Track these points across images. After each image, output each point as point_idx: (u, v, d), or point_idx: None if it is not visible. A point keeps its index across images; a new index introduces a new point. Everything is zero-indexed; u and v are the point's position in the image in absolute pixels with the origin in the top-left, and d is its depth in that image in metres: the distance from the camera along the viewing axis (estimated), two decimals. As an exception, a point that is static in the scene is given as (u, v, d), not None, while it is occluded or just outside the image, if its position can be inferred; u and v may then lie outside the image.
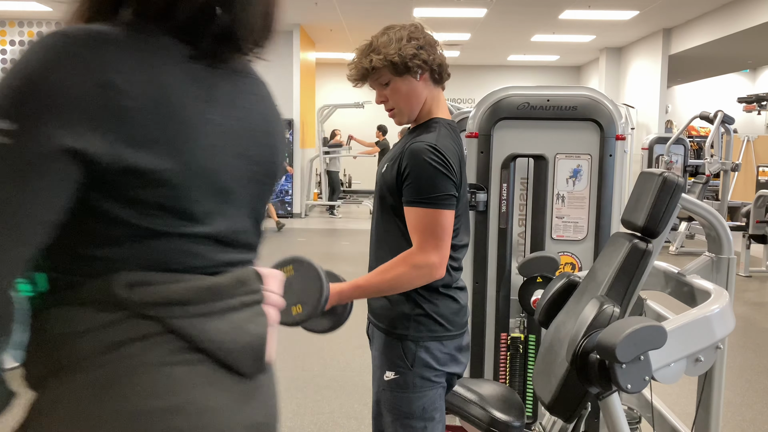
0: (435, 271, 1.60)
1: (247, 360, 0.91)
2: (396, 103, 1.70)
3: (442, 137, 1.64)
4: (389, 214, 1.71)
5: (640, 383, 1.50)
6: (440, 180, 1.59)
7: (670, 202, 1.81)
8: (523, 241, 2.73)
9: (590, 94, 2.65)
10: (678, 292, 2.01)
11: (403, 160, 1.62)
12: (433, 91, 1.73)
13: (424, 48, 1.66)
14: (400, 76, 1.66)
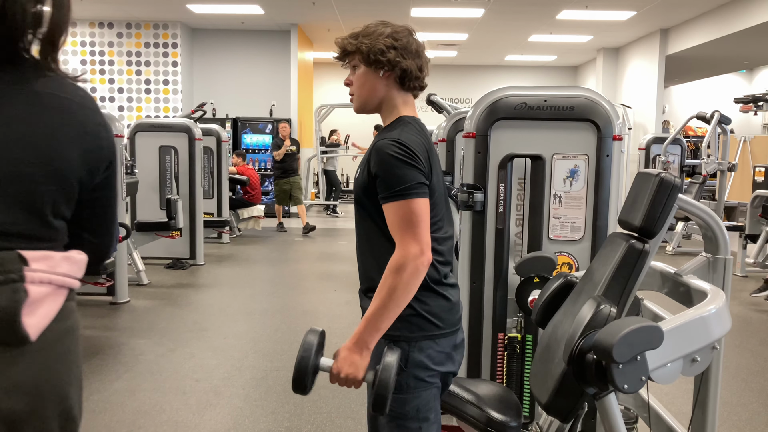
0: (420, 261, 1.58)
1: None
2: (356, 88, 1.76)
3: (405, 132, 1.67)
4: (368, 218, 1.72)
5: (636, 383, 1.50)
6: (406, 171, 1.60)
7: (666, 203, 1.81)
8: (521, 241, 2.74)
9: (587, 94, 2.65)
10: (675, 293, 2.02)
11: (371, 160, 1.65)
12: (400, 94, 1.75)
13: (397, 49, 1.69)
14: (366, 66, 1.71)
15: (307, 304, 5.54)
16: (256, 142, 11.57)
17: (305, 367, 1.55)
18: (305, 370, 1.55)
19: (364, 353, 1.59)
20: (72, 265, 1.17)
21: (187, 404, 3.40)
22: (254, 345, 4.41)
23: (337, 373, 1.59)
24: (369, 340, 1.59)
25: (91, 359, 4.06)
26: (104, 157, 1.20)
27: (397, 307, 1.59)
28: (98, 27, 11.59)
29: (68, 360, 1.17)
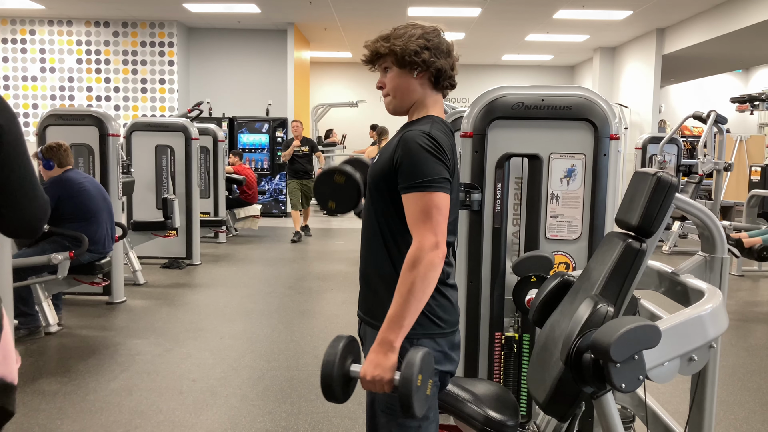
0: (435, 254, 1.58)
1: None
2: (390, 90, 1.77)
3: (435, 129, 1.67)
4: (381, 207, 1.71)
5: (634, 382, 1.50)
6: (433, 164, 1.60)
7: (663, 202, 1.81)
8: (518, 241, 2.74)
9: (584, 93, 2.65)
10: (672, 292, 2.02)
11: (397, 148, 1.65)
12: (432, 94, 1.77)
13: (429, 49, 1.70)
14: (400, 68, 1.72)
15: (304, 304, 5.54)
16: (252, 141, 11.56)
17: (328, 373, 1.54)
18: (329, 377, 1.54)
19: (389, 354, 1.57)
20: None
21: (184, 404, 3.40)
22: (251, 345, 4.41)
23: (363, 376, 1.57)
24: (393, 339, 1.57)
25: (87, 359, 4.06)
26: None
27: (418, 302, 1.57)
28: (94, 26, 11.57)
29: None
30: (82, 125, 5.40)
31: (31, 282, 4.42)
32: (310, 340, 4.55)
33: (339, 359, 1.56)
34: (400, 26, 1.75)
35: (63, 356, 4.13)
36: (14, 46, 11.62)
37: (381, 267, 1.73)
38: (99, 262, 4.70)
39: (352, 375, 1.59)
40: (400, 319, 1.57)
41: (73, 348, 4.29)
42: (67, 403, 3.39)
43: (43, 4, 10.45)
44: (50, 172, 4.53)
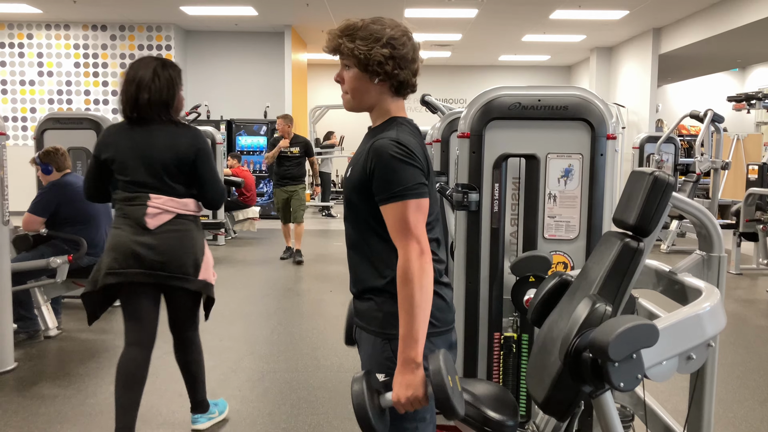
0: (423, 260, 1.57)
1: None
2: (348, 89, 1.72)
3: (402, 133, 1.65)
4: (361, 220, 1.71)
5: (632, 381, 1.50)
6: (407, 171, 1.59)
7: (661, 201, 1.81)
8: (516, 241, 2.74)
9: (581, 93, 2.65)
10: (669, 291, 2.02)
11: (368, 159, 1.63)
12: (394, 99, 1.73)
13: (394, 59, 1.65)
14: (361, 71, 1.67)
15: (304, 306, 5.54)
16: (250, 143, 11.56)
17: (364, 416, 1.52)
18: (366, 420, 1.52)
19: (416, 371, 1.55)
20: (177, 203, 2.74)
21: (184, 406, 3.39)
22: (250, 347, 4.41)
23: (397, 401, 1.56)
24: (414, 355, 1.55)
25: (86, 363, 4.05)
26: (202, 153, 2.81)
27: (424, 311, 1.56)
28: (92, 29, 11.56)
29: (188, 238, 2.74)
30: (80, 129, 5.40)
31: (30, 286, 4.41)
32: (310, 342, 4.55)
33: (368, 399, 1.54)
34: (366, 21, 1.67)
35: (62, 360, 4.13)
36: (12, 50, 11.61)
37: (368, 277, 1.72)
38: (98, 266, 4.69)
39: (386, 405, 1.58)
40: (414, 334, 1.55)
41: (72, 352, 4.29)
42: (66, 406, 3.39)
43: (41, 8, 10.44)
44: (49, 176, 4.53)
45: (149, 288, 2.76)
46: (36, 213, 4.38)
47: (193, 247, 2.75)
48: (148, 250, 2.65)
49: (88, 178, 2.83)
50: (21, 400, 3.45)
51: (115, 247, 2.68)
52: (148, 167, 2.68)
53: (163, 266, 2.68)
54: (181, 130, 2.76)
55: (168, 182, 2.70)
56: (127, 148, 2.69)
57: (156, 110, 2.71)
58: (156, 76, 2.72)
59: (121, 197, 2.72)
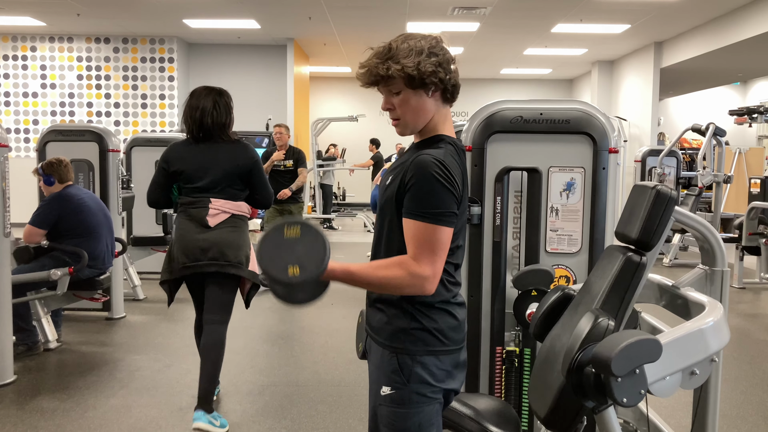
0: (426, 285, 1.58)
1: None
2: (403, 114, 1.68)
3: (448, 154, 1.63)
4: (390, 229, 1.69)
5: (635, 397, 1.49)
6: (444, 196, 1.58)
7: (663, 215, 1.81)
8: (518, 255, 2.73)
9: (583, 107, 2.66)
10: (672, 305, 2.01)
11: (408, 171, 1.61)
12: (442, 109, 1.71)
13: (442, 66, 1.63)
14: (413, 89, 1.64)
15: (304, 319, 5.53)
16: (252, 156, 11.57)
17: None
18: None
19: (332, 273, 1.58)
20: (233, 205, 3.29)
21: (184, 420, 3.38)
22: (251, 360, 4.39)
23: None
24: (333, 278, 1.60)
25: (86, 375, 4.04)
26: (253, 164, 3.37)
27: (379, 290, 1.65)
28: (95, 42, 11.63)
29: (240, 233, 3.30)
30: (82, 141, 5.41)
31: (30, 298, 4.41)
32: (311, 356, 4.53)
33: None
34: (398, 40, 1.64)
35: (62, 373, 4.12)
36: (15, 62, 11.68)
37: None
38: (99, 278, 4.69)
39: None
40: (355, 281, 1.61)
41: (72, 364, 4.28)
42: (66, 420, 3.37)
43: (44, 21, 10.51)
44: (51, 188, 4.54)
45: (211, 276, 3.29)
46: (37, 225, 4.38)
47: (246, 242, 3.34)
48: (210, 244, 3.21)
49: (155, 186, 3.34)
50: (20, 413, 3.44)
51: (185, 244, 3.23)
52: (211, 176, 3.25)
53: (223, 256, 3.22)
54: (238, 146, 3.37)
55: (226, 188, 3.27)
56: (193, 161, 3.27)
57: (217, 131, 3.31)
58: (216, 104, 3.33)
59: (185, 201, 3.29)
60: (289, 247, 1.52)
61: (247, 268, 3.29)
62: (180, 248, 3.24)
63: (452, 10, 9.12)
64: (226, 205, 3.26)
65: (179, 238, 3.27)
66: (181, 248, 3.24)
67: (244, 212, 3.35)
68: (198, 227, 3.22)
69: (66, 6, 9.37)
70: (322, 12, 9.47)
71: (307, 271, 1.51)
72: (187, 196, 3.29)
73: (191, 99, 3.34)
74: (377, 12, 9.40)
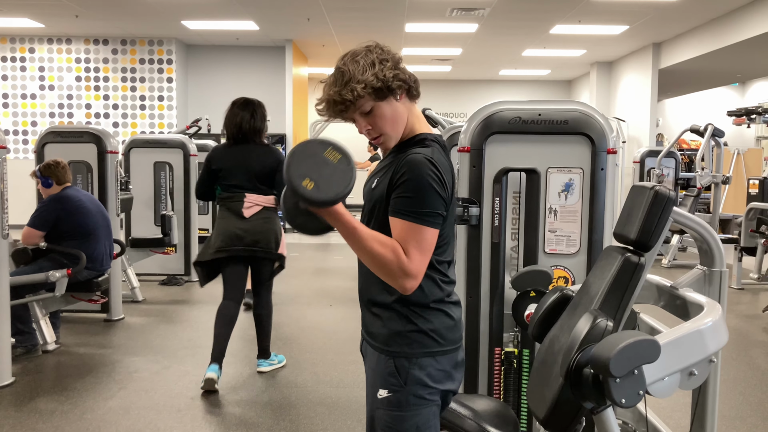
0: (407, 282, 1.57)
1: None
2: (383, 127, 1.67)
3: (437, 152, 1.64)
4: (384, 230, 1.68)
5: (634, 397, 1.49)
6: (433, 197, 1.59)
7: (661, 216, 1.81)
8: (516, 255, 2.73)
9: (581, 108, 2.66)
10: (671, 306, 2.01)
11: (399, 169, 1.61)
12: (411, 107, 1.73)
13: (398, 67, 1.66)
14: (383, 100, 1.64)
15: (303, 320, 5.52)
16: (251, 157, 11.58)
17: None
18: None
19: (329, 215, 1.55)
20: (264, 199, 3.84)
21: (182, 422, 3.38)
22: (250, 362, 4.39)
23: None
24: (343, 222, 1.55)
25: (84, 377, 4.03)
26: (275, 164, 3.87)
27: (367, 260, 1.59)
28: (93, 43, 11.62)
29: (271, 223, 3.86)
30: (80, 142, 5.41)
31: (28, 300, 4.40)
32: (309, 357, 4.53)
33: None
34: (346, 63, 1.63)
35: (60, 374, 4.11)
36: (13, 64, 11.66)
37: (377, 291, 1.71)
38: (97, 280, 4.68)
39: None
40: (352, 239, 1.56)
41: (70, 366, 4.27)
42: (64, 422, 3.37)
43: (43, 22, 10.51)
44: (49, 189, 4.54)
45: (243, 260, 3.87)
46: (35, 227, 4.38)
47: (275, 230, 3.89)
48: (245, 232, 3.78)
49: (201, 182, 3.95)
50: (18, 415, 3.43)
51: (223, 232, 3.80)
52: (244, 174, 3.82)
53: (256, 243, 3.80)
54: (267, 149, 3.93)
55: (257, 185, 3.83)
56: (230, 161, 3.84)
57: (251, 136, 3.86)
58: (254, 113, 3.87)
59: (224, 196, 3.87)
60: (321, 163, 1.50)
61: (277, 251, 3.89)
62: (218, 235, 3.82)
63: (451, 11, 9.12)
64: (258, 198, 3.83)
65: (219, 226, 3.86)
66: (219, 235, 3.81)
67: (272, 204, 3.89)
68: (235, 218, 3.79)
69: (64, 7, 9.37)
70: (320, 13, 9.48)
71: (319, 192, 1.47)
72: (225, 192, 3.86)
73: (233, 108, 3.89)
74: (376, 13, 9.40)
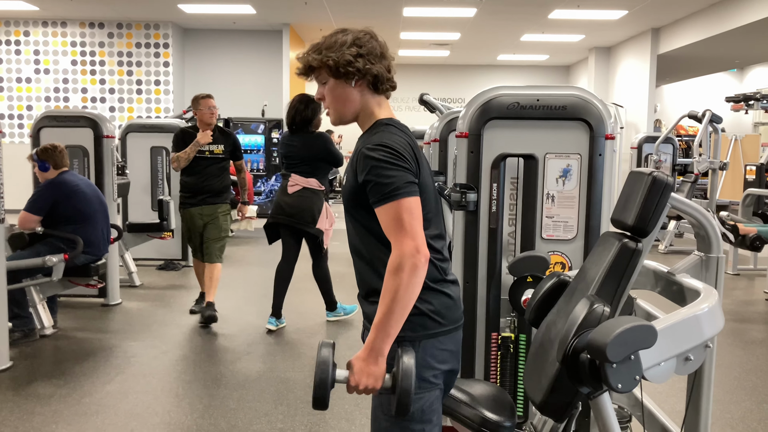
0: (417, 258, 1.57)
1: None
2: (330, 103, 1.76)
3: (387, 134, 1.67)
4: (358, 224, 1.73)
5: (630, 383, 1.50)
6: (393, 172, 1.60)
7: (659, 202, 1.81)
8: (514, 241, 2.74)
9: (580, 93, 2.65)
10: (668, 291, 2.02)
11: (357, 167, 1.66)
12: (374, 98, 1.75)
13: (363, 56, 1.68)
14: (336, 79, 1.71)
15: (301, 306, 5.53)
16: (248, 142, 11.54)
17: (326, 385, 1.54)
18: (326, 389, 1.54)
19: (379, 361, 1.58)
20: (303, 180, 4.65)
21: (180, 406, 3.39)
22: (247, 347, 4.40)
23: (355, 386, 1.58)
24: (382, 347, 1.57)
25: (82, 362, 4.04)
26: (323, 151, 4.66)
27: (403, 308, 1.57)
28: (89, 27, 11.54)
29: (309, 201, 4.64)
30: (76, 127, 5.38)
31: (25, 284, 4.40)
32: (307, 341, 4.54)
33: (332, 368, 1.56)
34: (330, 34, 1.73)
35: (58, 359, 4.12)
36: (8, 47, 11.58)
37: (370, 280, 1.73)
38: (94, 264, 4.68)
39: (338, 381, 1.59)
40: (387, 328, 1.57)
41: (68, 351, 4.28)
42: (62, 406, 3.38)
43: (38, 6, 10.42)
44: (46, 174, 4.52)
45: (290, 229, 4.69)
46: (32, 211, 4.37)
47: (311, 208, 4.62)
48: (287, 206, 4.63)
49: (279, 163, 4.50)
50: (16, 399, 3.45)
51: (275, 204, 4.74)
52: (295, 158, 4.66)
53: (293, 216, 4.62)
54: (315, 137, 4.69)
55: (301, 168, 4.64)
56: (286, 146, 4.71)
57: (303, 126, 4.64)
58: (306, 107, 4.61)
59: (282, 174, 4.77)
60: None
61: (314, 226, 4.62)
62: (273, 205, 4.78)
63: (449, -5, 9.06)
64: (299, 179, 4.61)
65: (276, 198, 4.78)
66: (274, 205, 4.77)
67: (313, 186, 4.64)
68: (284, 193, 4.66)
69: (59, -10, 9.29)
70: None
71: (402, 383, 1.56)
72: (283, 170, 4.75)
73: (293, 102, 4.67)
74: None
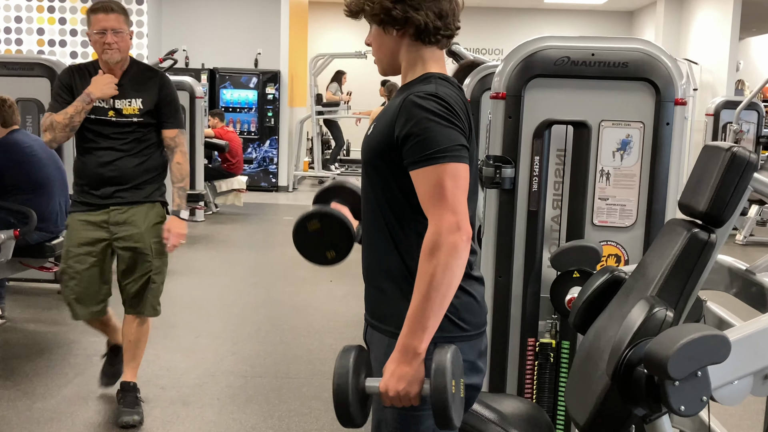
0: (458, 236, 1.56)
1: None
2: (374, 50, 1.82)
3: (441, 86, 1.66)
4: (381, 190, 1.71)
5: (696, 404, 1.50)
6: (445, 130, 1.59)
7: (739, 184, 1.80)
8: (558, 227, 2.73)
9: (644, 47, 2.63)
10: (745, 294, 2.01)
11: (399, 118, 1.63)
12: (424, 50, 1.74)
13: (404, 2, 1.67)
14: (378, 25, 1.75)
15: (297, 298, 5.57)
16: (237, 98, 11.56)
17: (344, 396, 1.54)
18: (345, 400, 1.54)
19: (413, 362, 1.57)
20: None
21: (150, 416, 3.43)
22: (232, 346, 4.44)
23: (385, 392, 1.58)
24: (417, 344, 1.56)
25: (35, 359, 4.10)
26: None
27: (443, 297, 1.56)
28: (47, -46, 11.55)
29: None
30: (30, 76, 5.40)
31: (-32, 265, 4.45)
32: (304, 342, 4.58)
33: (353, 375, 1.56)
34: None
35: (6, 355, 4.18)
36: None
37: (386, 260, 1.73)
38: (50, 243, 4.71)
39: (369, 391, 1.59)
40: (423, 320, 1.56)
41: (18, 346, 4.34)
42: (10, 411, 3.43)
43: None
44: (-8, 132, 4.54)
45: None
46: (-24, 178, 4.40)
47: None
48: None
49: None
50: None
51: None
52: None
53: None
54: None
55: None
56: None
57: None
58: None
59: None
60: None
61: None
62: None
63: None
64: None
65: None
66: None
67: None
68: None
69: None
70: None
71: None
72: None
73: None
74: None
